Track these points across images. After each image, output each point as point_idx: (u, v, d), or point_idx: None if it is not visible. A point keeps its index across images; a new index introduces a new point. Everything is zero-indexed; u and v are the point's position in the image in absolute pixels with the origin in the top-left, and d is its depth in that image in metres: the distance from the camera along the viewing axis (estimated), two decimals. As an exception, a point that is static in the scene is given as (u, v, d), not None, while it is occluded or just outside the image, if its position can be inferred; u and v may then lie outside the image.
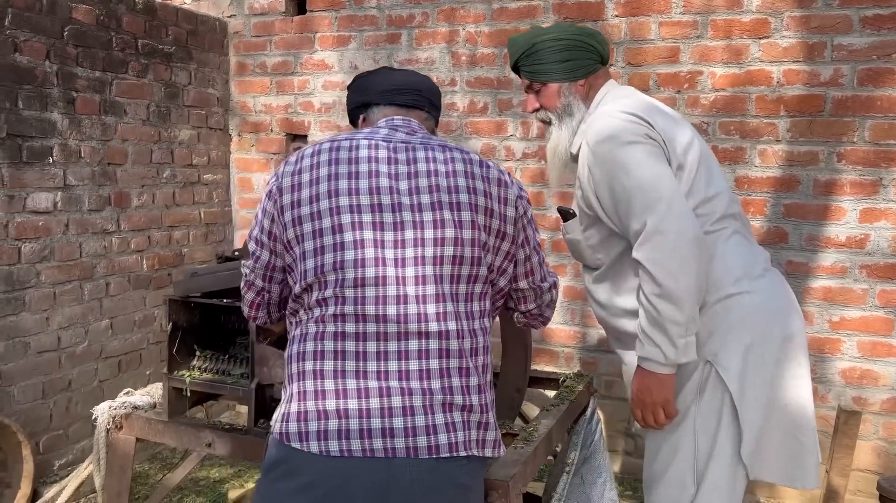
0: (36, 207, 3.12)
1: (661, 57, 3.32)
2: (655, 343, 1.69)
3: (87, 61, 3.31)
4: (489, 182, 1.54)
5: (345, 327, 1.42)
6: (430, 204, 1.48)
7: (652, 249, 1.67)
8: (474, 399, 1.45)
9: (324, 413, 1.39)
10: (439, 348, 1.44)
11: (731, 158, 3.26)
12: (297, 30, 3.99)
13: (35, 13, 3.07)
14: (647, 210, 1.68)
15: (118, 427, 2.09)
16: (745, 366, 1.74)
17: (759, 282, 1.81)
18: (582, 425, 2.34)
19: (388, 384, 1.39)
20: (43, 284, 3.17)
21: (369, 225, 1.46)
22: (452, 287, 1.47)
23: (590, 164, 1.81)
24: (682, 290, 1.66)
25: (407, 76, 1.70)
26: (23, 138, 3.05)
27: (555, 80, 1.94)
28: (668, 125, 1.83)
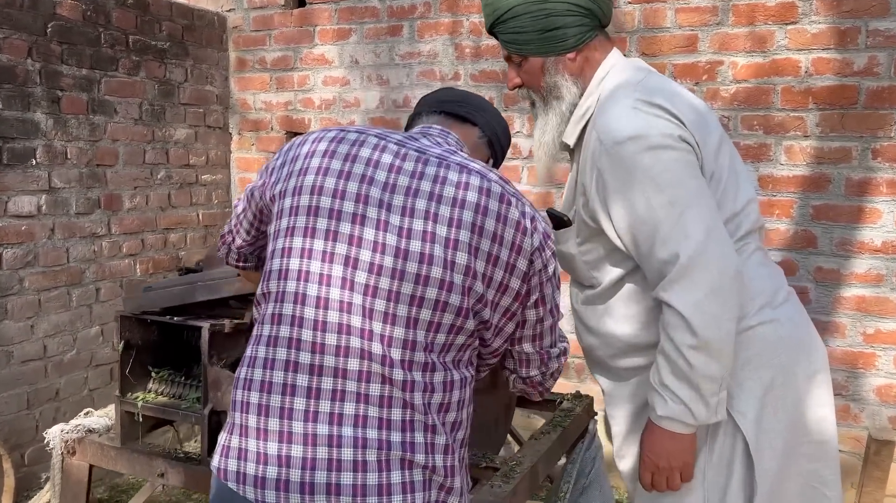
0: (18, 211, 3.00)
1: (677, 46, 3.07)
2: (682, 400, 1.40)
3: (73, 59, 3.18)
4: (505, 223, 1.25)
5: (299, 356, 1.21)
6: (423, 232, 1.22)
7: (688, 290, 1.36)
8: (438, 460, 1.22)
9: (264, 456, 1.19)
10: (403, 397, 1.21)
11: (755, 156, 2.99)
12: (296, 23, 3.83)
13: (15, 9, 2.95)
14: (680, 238, 1.37)
15: (71, 452, 1.94)
16: (763, 409, 1.48)
17: (782, 309, 1.54)
18: (579, 452, 2.12)
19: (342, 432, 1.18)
20: (27, 291, 3.05)
21: (345, 237, 1.23)
22: (428, 336, 1.22)
23: (601, 168, 1.46)
24: (723, 340, 1.38)
25: (471, 95, 1.52)
26: (4, 140, 2.93)
27: (538, 54, 1.56)
28: (698, 121, 1.48)
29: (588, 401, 2.25)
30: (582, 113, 1.59)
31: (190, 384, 1.90)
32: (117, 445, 1.90)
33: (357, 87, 3.70)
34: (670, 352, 1.40)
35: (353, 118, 3.73)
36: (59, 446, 1.94)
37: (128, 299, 1.86)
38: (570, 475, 2.08)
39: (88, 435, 1.95)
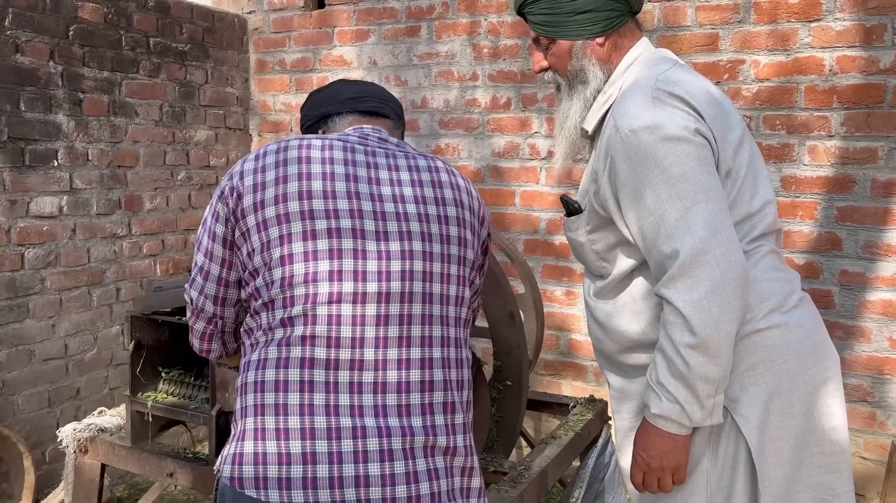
0: (40, 212, 3.05)
1: (698, 45, 3.02)
2: (677, 400, 1.37)
3: (94, 61, 3.22)
4: (471, 197, 1.41)
5: (314, 352, 1.21)
6: (418, 215, 1.31)
7: (688, 288, 1.33)
8: (458, 440, 1.27)
9: (286, 457, 1.18)
10: (421, 380, 1.25)
11: (777, 156, 2.93)
12: (315, 25, 3.84)
13: (38, 13, 2.99)
14: (684, 233, 1.34)
15: (83, 451, 1.96)
16: (767, 415, 1.43)
17: (792, 314, 1.48)
18: (591, 458, 2.09)
19: (364, 423, 1.20)
20: (48, 291, 3.10)
21: (348, 232, 1.25)
22: (442, 309, 1.30)
23: (615, 155, 1.43)
24: (722, 342, 1.33)
25: (366, 85, 1.53)
26: (25, 141, 2.97)
27: (567, 37, 1.54)
28: (718, 116, 1.45)
29: (601, 406, 2.21)
30: (605, 100, 1.56)
31: (199, 385, 1.90)
32: (128, 445, 1.91)
33: (375, 88, 3.69)
34: (668, 350, 1.37)
35: (371, 119, 3.72)
36: (71, 445, 1.95)
37: (138, 299, 1.87)
38: (582, 480, 2.05)
39: (100, 434, 1.96)
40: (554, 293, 3.39)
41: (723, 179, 1.43)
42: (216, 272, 1.35)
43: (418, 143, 3.61)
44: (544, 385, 3.45)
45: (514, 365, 1.88)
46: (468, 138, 3.51)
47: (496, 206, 3.48)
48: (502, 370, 1.89)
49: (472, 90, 3.47)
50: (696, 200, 1.36)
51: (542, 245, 3.41)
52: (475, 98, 3.47)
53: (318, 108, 1.51)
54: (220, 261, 1.34)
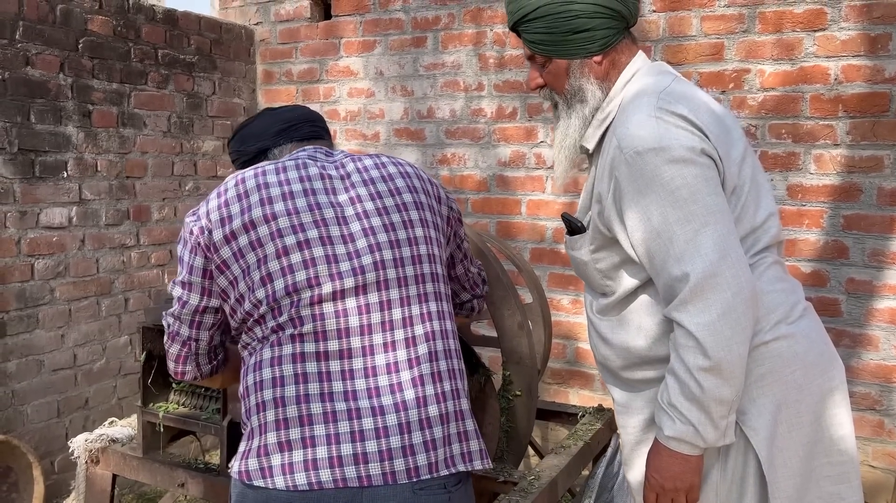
0: (50, 223, 3.07)
1: (703, 54, 3.04)
2: (690, 422, 1.36)
3: (103, 73, 3.25)
4: (422, 181, 1.52)
5: (304, 347, 1.31)
6: (377, 209, 1.42)
7: (700, 311, 1.33)
8: (450, 406, 1.35)
9: (287, 444, 1.27)
10: (408, 358, 1.34)
11: (783, 165, 2.94)
12: (322, 36, 3.86)
13: (48, 25, 3.02)
14: (694, 256, 1.34)
15: (94, 461, 1.97)
16: (776, 427, 1.43)
17: (798, 324, 1.48)
18: (600, 468, 2.09)
19: (358, 405, 1.28)
20: (57, 301, 3.11)
21: (317, 241, 1.37)
22: (418, 288, 1.40)
23: (619, 177, 1.43)
24: (735, 363, 1.33)
25: (294, 111, 1.62)
26: (35, 153, 3.00)
27: (564, 56, 1.52)
28: (722, 133, 1.44)
29: (610, 416, 2.22)
30: (603, 117, 1.55)
31: (210, 395, 1.91)
32: (139, 455, 1.92)
33: (382, 98, 3.72)
34: (680, 373, 1.37)
35: (377, 129, 3.75)
36: (83, 455, 1.96)
37: (149, 310, 1.88)
38: (591, 489, 2.05)
39: (111, 444, 1.97)
40: (560, 302, 3.40)
41: (728, 197, 1.43)
42: (194, 301, 1.43)
43: (424, 152, 3.63)
44: (551, 394, 3.45)
45: (523, 374, 1.89)
46: (474, 148, 3.52)
47: (502, 214, 3.49)
48: (512, 380, 1.90)
49: (478, 100, 3.49)
50: (705, 222, 1.35)
51: (548, 254, 3.42)
52: (481, 108, 3.49)
53: (252, 144, 1.59)
54: (200, 290, 1.42)
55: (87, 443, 1.96)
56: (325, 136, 1.63)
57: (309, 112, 1.64)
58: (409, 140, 3.67)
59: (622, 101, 1.53)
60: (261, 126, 1.59)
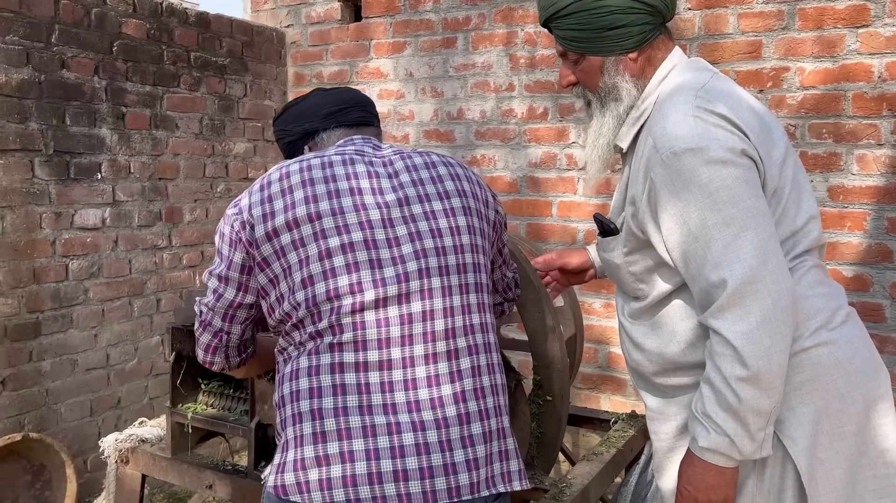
0: (84, 224, 3.10)
1: (740, 53, 2.96)
2: (726, 433, 1.31)
3: (137, 76, 3.28)
4: (472, 183, 1.47)
5: (342, 357, 1.26)
6: (424, 213, 1.36)
7: (738, 318, 1.27)
8: (493, 423, 1.31)
9: (325, 458, 1.22)
10: (450, 371, 1.29)
11: (824, 165, 2.85)
12: (352, 37, 3.86)
13: (83, 29, 3.06)
14: (733, 261, 1.28)
15: (124, 461, 1.97)
16: (816, 437, 1.37)
17: (840, 330, 1.42)
18: (633, 475, 2.04)
19: (398, 419, 1.24)
20: (91, 301, 3.15)
21: (361, 244, 1.31)
22: (462, 299, 1.34)
23: (655, 178, 1.37)
24: (774, 373, 1.27)
25: (345, 94, 1.56)
26: (70, 154, 3.04)
27: (598, 53, 1.47)
28: (762, 132, 1.38)
29: (643, 422, 2.16)
30: (638, 115, 1.50)
31: (238, 397, 1.90)
32: (168, 456, 1.92)
33: (412, 99, 3.70)
34: (717, 383, 1.31)
35: (407, 131, 3.73)
36: (113, 455, 1.97)
37: (179, 311, 1.88)
38: (624, 498, 2.00)
39: (141, 444, 1.97)
40: (592, 305, 3.35)
41: (769, 199, 1.37)
42: (230, 296, 1.41)
43: (454, 153, 3.60)
44: (583, 399, 3.39)
45: (554, 379, 1.85)
46: (504, 149, 3.49)
47: (533, 216, 3.45)
48: (542, 385, 1.86)
49: (509, 100, 3.46)
50: (745, 226, 1.30)
51: (580, 256, 3.36)
52: (511, 108, 3.46)
53: (298, 124, 1.54)
54: (237, 285, 1.39)
55: (118, 442, 1.97)
56: (374, 122, 1.57)
57: (360, 96, 1.57)
58: (438, 141, 3.64)
59: (658, 99, 1.48)
60: (310, 106, 1.54)
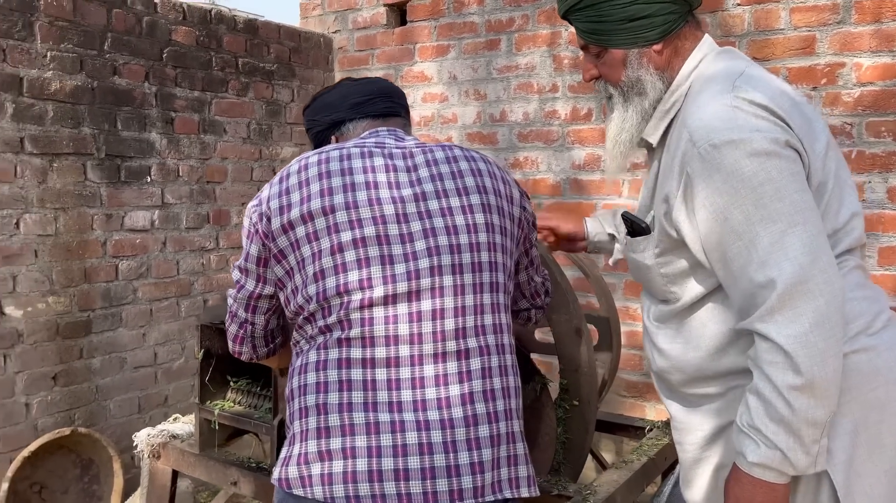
0: (133, 225, 3.19)
1: (792, 49, 2.84)
2: (777, 447, 1.21)
3: (185, 81, 3.37)
4: (496, 179, 1.42)
5: (350, 353, 1.25)
6: (440, 209, 1.33)
7: (789, 321, 1.18)
8: (502, 427, 1.27)
9: (327, 453, 1.22)
10: (459, 371, 1.26)
11: (883, 165, 2.70)
12: (397, 42, 3.88)
13: (134, 36, 3.15)
14: (781, 260, 1.19)
15: (156, 456, 2.01)
16: (854, 449, 1.27)
17: (881, 336, 1.32)
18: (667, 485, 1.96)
19: (403, 417, 1.22)
20: (140, 301, 3.24)
21: (373, 239, 1.29)
22: (475, 298, 1.31)
23: (692, 174, 1.28)
24: (830, 380, 1.18)
25: (372, 84, 1.54)
26: (121, 158, 3.13)
27: (619, 46, 1.40)
28: (804, 123, 1.30)
29: (680, 430, 2.08)
30: (667, 108, 1.42)
31: (266, 394, 1.91)
32: (196, 452, 1.94)
33: (455, 102, 3.69)
34: (766, 393, 1.21)
35: (450, 134, 3.72)
36: (145, 450, 2.00)
37: (207, 309, 1.90)
38: (657, 509, 1.92)
39: (171, 440, 2.00)
40: (637, 311, 3.25)
41: (813, 194, 1.29)
42: (250, 287, 1.42)
43: (497, 156, 3.56)
44: (627, 407, 3.30)
45: (582, 383, 1.79)
46: (547, 151, 3.43)
47: (577, 220, 3.38)
48: (569, 389, 1.81)
49: (552, 102, 3.40)
50: (793, 222, 1.21)
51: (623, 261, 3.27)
52: (555, 110, 3.40)
53: (327, 114, 1.53)
54: (256, 277, 1.41)
55: (150, 437, 2.01)
56: (402, 113, 1.55)
57: (388, 86, 1.55)
58: (481, 144, 3.62)
59: (690, 91, 1.41)
60: (337, 97, 1.53)
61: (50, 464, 2.94)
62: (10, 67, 2.75)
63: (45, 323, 2.92)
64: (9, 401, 2.84)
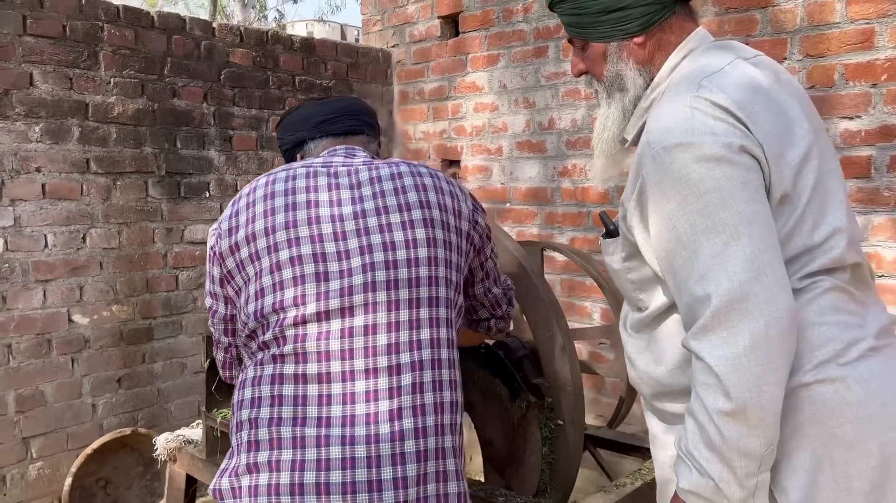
0: (193, 238, 3.38)
1: (849, 43, 2.63)
2: (710, 476, 1.12)
3: (243, 101, 3.54)
4: (442, 194, 1.42)
5: (283, 369, 1.28)
6: (379, 226, 1.34)
7: (723, 342, 1.09)
8: (430, 443, 1.26)
9: (254, 466, 1.25)
10: (390, 387, 1.26)
11: (952, 168, 2.45)
12: (450, 53, 3.90)
13: (193, 60, 3.35)
14: (719, 274, 1.11)
15: (173, 459, 2.12)
16: (815, 490, 1.15)
17: (855, 367, 1.18)
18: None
19: (329, 432, 1.23)
20: (198, 309, 3.42)
21: (309, 257, 1.32)
22: (411, 313, 1.31)
23: (645, 177, 1.21)
24: (765, 408, 1.09)
25: (337, 103, 1.56)
26: (181, 175, 3.33)
27: (599, 39, 1.35)
28: (776, 127, 1.19)
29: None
30: (646, 106, 1.35)
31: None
32: (203, 457, 2.04)
33: (505, 111, 3.67)
34: (699, 416, 1.14)
35: (501, 143, 3.69)
36: (163, 454, 2.12)
37: (210, 321, 1.99)
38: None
39: (186, 445, 2.11)
40: (688, 324, 3.10)
41: (776, 205, 1.18)
42: (221, 310, 1.46)
43: (545, 164, 3.51)
44: (678, 425, 3.15)
45: (565, 402, 1.73)
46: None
47: (625, 229, 3.27)
48: (554, 408, 1.75)
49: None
50: (737, 234, 1.12)
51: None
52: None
53: (291, 133, 1.58)
54: (222, 299, 1.44)
55: (167, 442, 2.12)
56: (366, 130, 1.57)
57: (352, 104, 1.58)
58: (530, 152, 3.57)
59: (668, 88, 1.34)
60: (301, 116, 1.58)
61: (114, 462, 3.16)
62: (76, 94, 2.99)
63: (109, 329, 3.14)
64: (76, 401, 3.08)
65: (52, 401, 3.00)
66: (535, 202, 3.58)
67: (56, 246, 2.97)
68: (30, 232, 2.90)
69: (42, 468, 3.00)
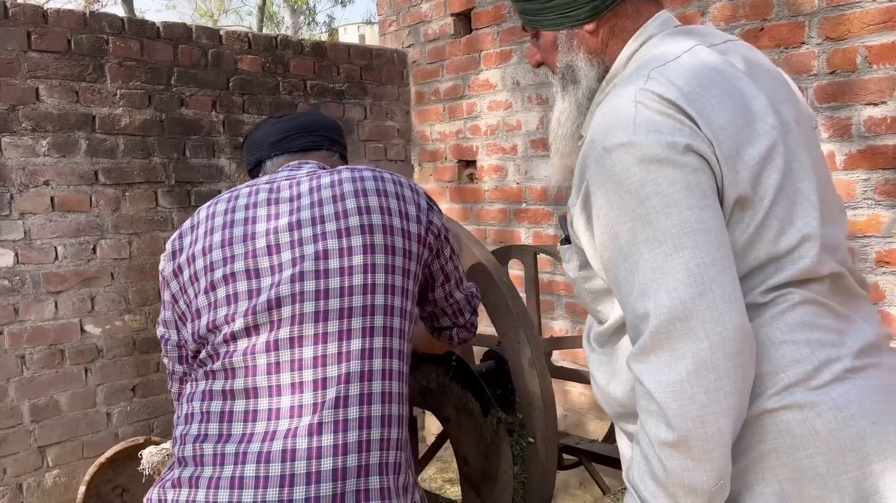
0: (205, 247, 3.39)
1: (872, 24, 2.43)
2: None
3: (253, 107, 3.53)
4: (386, 197, 1.37)
5: (213, 385, 1.27)
6: (313, 236, 1.31)
7: (664, 365, 0.99)
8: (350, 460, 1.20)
9: (178, 481, 1.24)
10: (314, 402, 1.21)
11: None
12: (464, 51, 3.81)
13: (201, 69, 3.35)
14: (660, 291, 1.00)
15: (157, 472, 2.10)
16: None
17: (828, 391, 1.04)
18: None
19: (248, 449, 1.20)
20: (212, 317, 3.42)
21: (242, 274, 1.30)
22: (341, 324, 1.26)
23: (590, 180, 1.10)
24: (712, 440, 0.98)
25: (294, 120, 1.53)
26: (191, 184, 3.34)
27: (548, 27, 1.25)
28: (733, 123, 1.06)
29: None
30: (601, 101, 1.22)
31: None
32: (181, 472, 2.01)
33: (519, 109, 3.55)
34: (643, 445, 1.03)
35: (515, 142, 3.58)
36: (147, 467, 2.11)
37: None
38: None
39: (168, 458, 2.09)
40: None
41: (731, 210, 1.06)
42: (174, 337, 1.43)
43: (559, 164, 3.38)
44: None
45: (535, 419, 1.63)
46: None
47: (642, 229, 3.12)
48: (525, 424, 1.65)
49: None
50: (679, 245, 1.00)
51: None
52: (615, 111, 3.17)
53: (251, 154, 1.57)
54: (174, 326, 1.42)
55: (150, 455, 2.10)
56: (325, 145, 1.54)
57: (309, 120, 1.56)
58: (543, 151, 3.45)
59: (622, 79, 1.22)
60: (260, 136, 1.57)
61: (130, 470, 3.19)
62: (83, 107, 3.03)
63: (122, 339, 3.18)
64: (91, 410, 3.12)
65: (66, 411, 3.05)
66: (552, 202, 3.46)
67: (66, 257, 3.01)
68: (40, 244, 2.95)
69: (58, 476, 3.05)
